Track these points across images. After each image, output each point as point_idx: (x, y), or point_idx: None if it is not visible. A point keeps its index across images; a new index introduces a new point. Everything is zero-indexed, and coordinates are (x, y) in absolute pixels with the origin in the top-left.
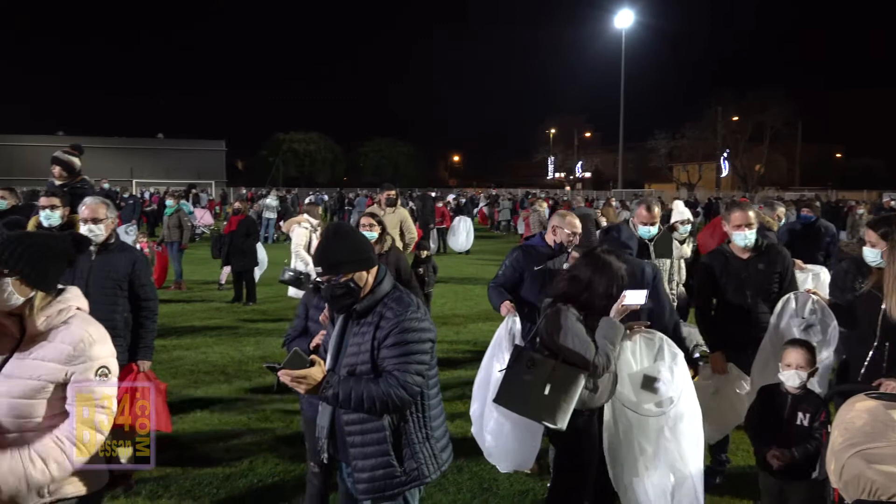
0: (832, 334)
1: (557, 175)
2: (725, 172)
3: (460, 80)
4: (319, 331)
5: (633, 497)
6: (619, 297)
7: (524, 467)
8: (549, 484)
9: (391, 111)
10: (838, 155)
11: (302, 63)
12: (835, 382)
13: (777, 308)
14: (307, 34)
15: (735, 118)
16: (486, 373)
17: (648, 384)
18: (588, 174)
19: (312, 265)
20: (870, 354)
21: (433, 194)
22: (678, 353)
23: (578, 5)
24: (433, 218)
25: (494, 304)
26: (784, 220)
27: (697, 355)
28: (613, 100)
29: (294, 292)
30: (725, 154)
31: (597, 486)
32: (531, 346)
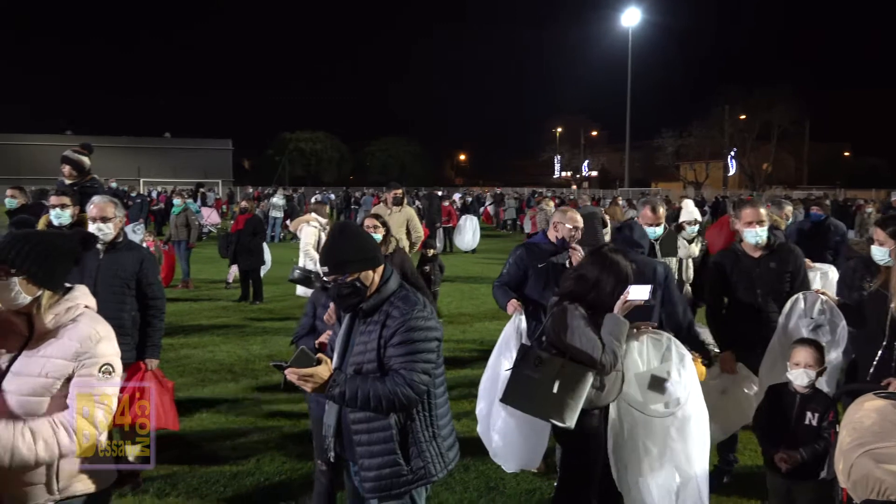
0: (841, 335)
1: (564, 174)
2: (733, 171)
3: (460, 80)
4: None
5: (637, 497)
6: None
7: (531, 466)
8: (556, 483)
9: (391, 111)
10: (846, 154)
11: (302, 63)
12: (843, 382)
13: (786, 308)
14: (307, 34)
15: (742, 116)
16: (493, 371)
17: (656, 385)
18: (594, 173)
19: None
20: (878, 354)
21: (439, 193)
22: (686, 354)
23: (583, 5)
24: (439, 217)
25: (500, 303)
26: (792, 219)
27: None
28: (620, 98)
29: (302, 291)
30: (733, 153)
31: (602, 485)
32: (538, 345)
